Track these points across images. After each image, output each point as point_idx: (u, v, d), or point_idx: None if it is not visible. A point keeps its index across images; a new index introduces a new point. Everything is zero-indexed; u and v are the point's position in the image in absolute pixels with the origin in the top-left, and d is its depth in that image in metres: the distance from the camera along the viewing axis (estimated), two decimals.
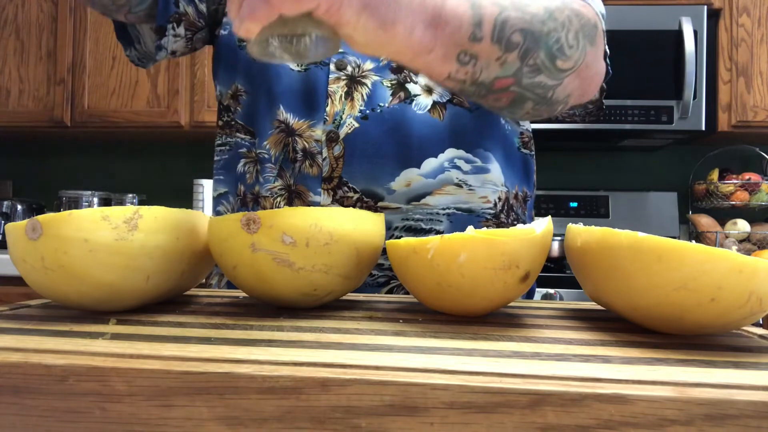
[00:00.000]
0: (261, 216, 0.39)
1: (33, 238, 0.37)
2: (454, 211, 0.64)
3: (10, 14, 2.11)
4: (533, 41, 0.47)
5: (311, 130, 0.65)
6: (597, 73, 0.57)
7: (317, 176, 0.64)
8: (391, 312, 0.44)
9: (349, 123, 0.64)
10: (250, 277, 0.41)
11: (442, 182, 0.64)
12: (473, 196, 0.65)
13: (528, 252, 0.38)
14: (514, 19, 0.46)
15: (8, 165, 2.45)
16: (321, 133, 0.64)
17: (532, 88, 0.50)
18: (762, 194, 1.99)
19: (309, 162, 0.65)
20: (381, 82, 0.65)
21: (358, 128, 0.64)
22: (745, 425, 0.24)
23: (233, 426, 0.26)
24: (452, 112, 0.65)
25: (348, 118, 0.64)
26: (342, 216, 0.41)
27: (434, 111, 0.65)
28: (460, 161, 0.65)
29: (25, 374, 0.28)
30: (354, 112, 0.64)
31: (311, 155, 0.65)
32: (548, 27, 0.48)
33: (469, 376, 0.26)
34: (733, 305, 0.32)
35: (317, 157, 0.64)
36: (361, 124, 0.64)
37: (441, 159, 0.64)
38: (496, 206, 0.66)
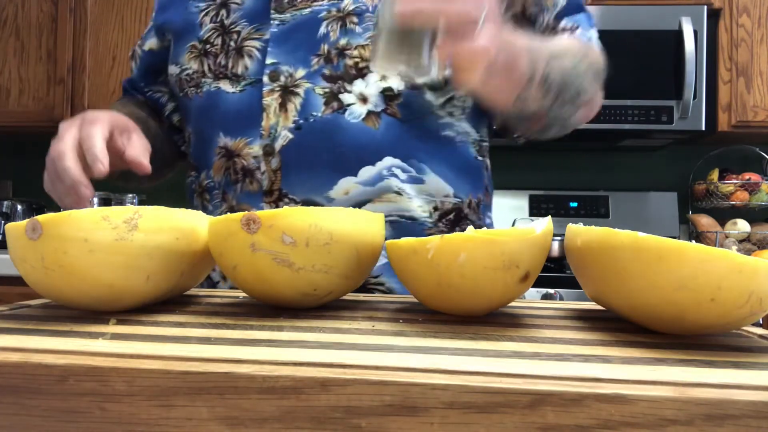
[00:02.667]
0: (261, 216, 0.39)
1: (33, 238, 0.37)
2: (397, 218, 0.64)
3: (10, 14, 2.11)
4: (564, 85, 0.60)
5: (249, 148, 0.66)
6: (599, 101, 0.71)
7: (258, 192, 0.65)
8: (391, 312, 0.44)
9: (283, 135, 0.64)
10: (250, 277, 0.41)
11: (381, 190, 0.64)
12: (412, 204, 0.65)
13: (528, 252, 0.38)
14: (554, 71, 0.58)
15: (8, 165, 2.45)
16: (258, 149, 0.65)
17: (559, 116, 0.63)
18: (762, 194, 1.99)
19: (249, 179, 0.66)
20: (313, 89, 0.65)
21: (292, 139, 0.64)
22: (745, 425, 0.24)
23: (233, 426, 0.26)
24: (387, 122, 0.65)
25: (282, 131, 0.64)
26: (342, 216, 0.41)
27: (369, 120, 0.65)
28: (397, 170, 0.66)
29: (25, 374, 0.28)
30: (288, 124, 0.64)
31: (250, 172, 0.66)
32: (574, 75, 0.61)
33: (469, 376, 0.26)
34: (733, 305, 0.32)
35: (256, 173, 0.65)
36: (295, 135, 0.64)
37: (378, 167, 0.64)
38: (432, 216, 0.66)
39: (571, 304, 0.51)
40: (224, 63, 0.69)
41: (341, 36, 0.65)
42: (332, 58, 0.65)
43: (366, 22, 0.65)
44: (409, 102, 0.66)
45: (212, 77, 0.70)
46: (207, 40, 0.71)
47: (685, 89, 1.77)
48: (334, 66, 0.65)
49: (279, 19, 0.67)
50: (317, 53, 0.66)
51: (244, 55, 0.68)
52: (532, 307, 0.48)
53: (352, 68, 0.65)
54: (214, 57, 0.70)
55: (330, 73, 0.65)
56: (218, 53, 0.70)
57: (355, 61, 0.65)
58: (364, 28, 0.65)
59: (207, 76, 0.70)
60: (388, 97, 0.65)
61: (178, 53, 0.74)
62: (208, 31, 0.71)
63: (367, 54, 0.65)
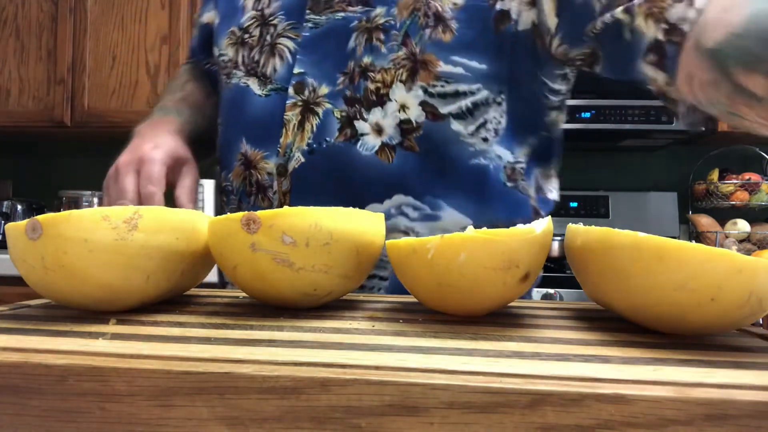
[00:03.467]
0: (261, 216, 0.39)
1: (33, 238, 0.37)
2: None
3: (10, 14, 2.11)
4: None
5: (265, 162, 0.64)
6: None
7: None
8: (391, 312, 0.44)
9: (296, 157, 0.62)
10: (250, 277, 0.41)
11: (387, 229, 0.59)
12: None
13: (528, 252, 0.38)
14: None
15: (8, 165, 2.45)
16: (273, 166, 0.63)
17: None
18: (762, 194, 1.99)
19: (261, 196, 0.64)
20: (332, 111, 0.62)
21: (304, 163, 0.62)
22: (745, 425, 0.24)
23: (233, 426, 0.26)
24: (402, 156, 0.61)
25: (297, 152, 0.62)
26: (342, 216, 0.41)
27: (382, 153, 0.61)
28: (408, 208, 0.61)
29: (25, 374, 0.28)
30: (302, 145, 0.62)
31: (263, 189, 0.64)
32: None
33: (469, 376, 0.26)
34: (733, 305, 0.32)
35: (268, 191, 0.64)
36: (307, 158, 0.62)
37: (386, 205, 0.61)
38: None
39: (571, 304, 0.51)
40: (257, 59, 0.66)
41: (366, 53, 0.62)
42: (354, 78, 0.62)
43: (391, 42, 0.61)
44: (430, 133, 0.61)
45: (244, 71, 0.67)
46: (246, 28, 0.68)
47: None
48: (355, 87, 0.62)
49: (313, 21, 0.64)
50: (344, 71, 0.62)
51: (275, 54, 0.65)
52: (532, 307, 0.48)
53: (372, 93, 0.61)
54: (250, 49, 0.67)
55: (350, 95, 0.62)
56: (254, 46, 0.67)
57: (377, 86, 0.61)
58: (389, 48, 0.61)
59: (239, 68, 0.68)
60: (406, 130, 0.61)
61: (219, 35, 0.72)
62: (249, 19, 0.68)
63: (389, 79, 0.61)
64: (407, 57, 0.61)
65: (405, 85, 0.61)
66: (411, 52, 0.61)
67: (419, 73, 0.61)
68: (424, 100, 0.61)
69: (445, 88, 0.61)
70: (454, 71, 0.61)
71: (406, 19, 0.61)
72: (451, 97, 0.61)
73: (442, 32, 0.60)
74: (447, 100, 0.61)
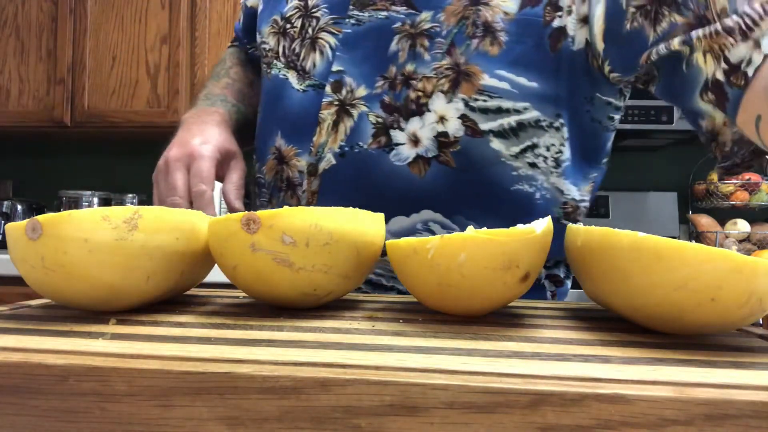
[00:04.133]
0: (261, 216, 0.39)
1: (33, 238, 0.37)
2: None
3: (10, 14, 2.11)
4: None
5: (297, 160, 0.63)
6: None
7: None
8: (391, 312, 0.44)
9: (328, 158, 0.61)
10: (250, 277, 0.41)
11: None
12: None
13: (528, 252, 0.38)
14: None
15: (8, 165, 2.45)
16: (304, 164, 0.62)
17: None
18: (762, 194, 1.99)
19: (291, 193, 0.63)
20: (367, 114, 0.60)
21: (334, 165, 0.60)
22: (745, 425, 0.24)
23: (233, 426, 0.26)
24: (436, 170, 0.58)
25: (328, 153, 0.61)
26: (342, 216, 0.41)
27: (415, 166, 0.58)
28: (435, 225, 0.59)
29: (25, 374, 0.28)
30: (335, 147, 0.60)
31: (293, 186, 0.63)
32: None
33: (469, 376, 0.26)
34: (733, 305, 0.32)
35: (298, 189, 0.63)
36: (337, 161, 0.60)
37: (413, 219, 0.59)
38: None
39: (571, 304, 0.51)
40: (297, 51, 0.65)
41: (409, 59, 0.59)
42: (396, 85, 0.60)
43: (436, 49, 0.59)
44: (468, 149, 0.58)
45: (284, 63, 0.66)
46: (288, 18, 0.66)
47: None
48: (396, 94, 0.59)
49: (356, 18, 0.62)
50: (384, 74, 0.60)
51: (316, 48, 0.63)
52: (532, 307, 0.48)
53: (412, 102, 0.59)
54: (291, 40, 0.66)
55: (389, 102, 0.59)
56: (295, 37, 0.65)
57: (418, 94, 0.59)
58: (433, 56, 0.59)
59: (279, 59, 0.66)
60: (443, 144, 0.58)
61: (262, 21, 0.70)
62: (292, 8, 0.66)
63: (430, 88, 0.59)
64: (450, 67, 0.58)
65: (446, 96, 0.58)
66: (455, 62, 0.58)
67: (461, 84, 0.58)
68: (464, 114, 0.58)
69: (487, 103, 0.58)
70: (499, 86, 0.58)
71: (453, 27, 0.58)
72: (492, 113, 0.58)
73: (490, 44, 0.58)
74: (488, 116, 0.58)
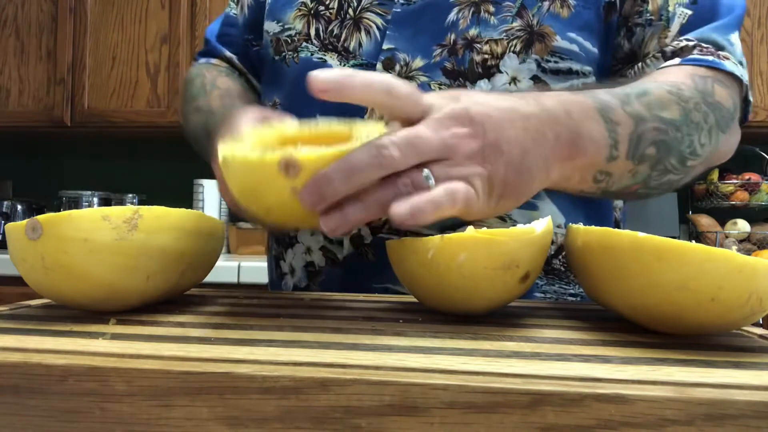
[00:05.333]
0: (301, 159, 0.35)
1: (33, 238, 0.37)
2: None
3: (10, 14, 2.11)
4: (666, 150, 0.47)
5: None
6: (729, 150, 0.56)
7: None
8: (391, 312, 0.44)
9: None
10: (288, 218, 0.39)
11: None
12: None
13: (528, 252, 0.38)
14: (650, 131, 0.46)
15: (8, 165, 2.45)
16: None
17: (659, 187, 0.51)
18: (762, 194, 1.99)
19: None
20: (428, 84, 0.57)
21: None
22: (745, 425, 0.24)
23: (233, 426, 0.26)
24: None
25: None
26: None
27: None
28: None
29: (25, 374, 0.28)
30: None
31: None
32: (683, 132, 0.48)
33: (469, 376, 0.26)
34: (733, 305, 0.32)
35: None
36: None
37: None
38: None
39: (571, 305, 0.51)
40: (337, 33, 0.61)
41: (472, 25, 0.58)
42: (457, 50, 0.58)
43: (503, 12, 0.58)
44: None
45: (318, 45, 0.62)
46: (322, 0, 0.63)
47: None
48: (459, 59, 0.57)
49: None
50: (441, 43, 0.58)
51: (361, 28, 0.60)
52: (532, 307, 0.48)
53: (479, 65, 0.57)
54: (327, 22, 0.62)
55: (452, 68, 0.57)
56: (332, 19, 0.62)
57: (484, 57, 0.57)
58: (501, 20, 0.58)
59: (312, 42, 0.62)
60: None
61: (281, 8, 0.66)
62: None
63: (499, 50, 0.57)
64: (522, 28, 0.58)
65: (518, 57, 0.58)
66: (527, 24, 0.58)
67: (534, 45, 0.58)
68: (536, 75, 0.58)
69: (559, 65, 0.58)
70: (571, 48, 0.58)
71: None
72: (564, 75, 0.58)
73: (560, 7, 0.58)
74: (559, 77, 0.58)
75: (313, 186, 0.36)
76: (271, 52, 0.67)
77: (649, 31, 0.58)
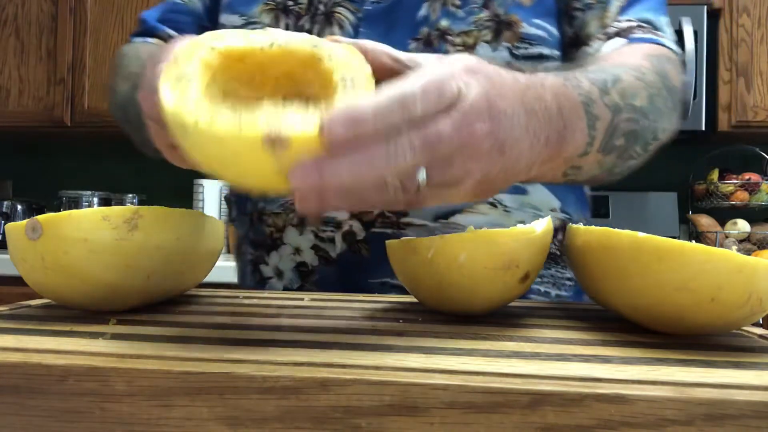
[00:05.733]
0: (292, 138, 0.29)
1: (33, 238, 0.37)
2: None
3: (10, 14, 2.11)
4: (633, 139, 0.47)
5: None
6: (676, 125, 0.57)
7: None
8: (391, 312, 0.44)
9: None
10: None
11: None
12: (509, 218, 0.58)
13: (528, 252, 0.38)
14: (623, 122, 0.45)
15: (8, 165, 2.45)
16: None
17: (620, 173, 0.51)
18: (762, 194, 1.99)
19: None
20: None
21: None
22: (745, 425, 0.24)
23: (233, 426, 0.26)
24: None
25: None
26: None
27: None
28: None
29: (25, 374, 0.28)
30: None
31: None
32: (650, 119, 0.48)
33: (469, 376, 0.26)
34: (733, 305, 0.32)
35: None
36: None
37: None
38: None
39: (571, 304, 0.51)
40: (308, 28, 0.61)
41: (442, 16, 0.59)
42: (432, 41, 0.59)
43: (470, 4, 0.60)
44: None
45: None
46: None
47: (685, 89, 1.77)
48: (435, 50, 0.59)
49: None
50: (416, 37, 0.60)
51: (333, 23, 0.61)
52: (532, 307, 0.48)
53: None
54: (296, 18, 0.62)
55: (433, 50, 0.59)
56: (302, 14, 0.62)
57: (458, 49, 0.59)
58: (468, 11, 0.59)
59: None
60: None
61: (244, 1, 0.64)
62: None
63: (471, 41, 0.59)
64: (490, 18, 0.60)
65: (490, 46, 0.59)
66: (494, 14, 0.60)
67: (504, 33, 0.59)
68: (510, 62, 0.59)
69: (530, 50, 0.60)
70: (539, 33, 0.60)
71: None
72: (535, 59, 0.60)
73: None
74: (532, 63, 0.60)
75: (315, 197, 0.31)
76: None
77: (589, 14, 0.60)
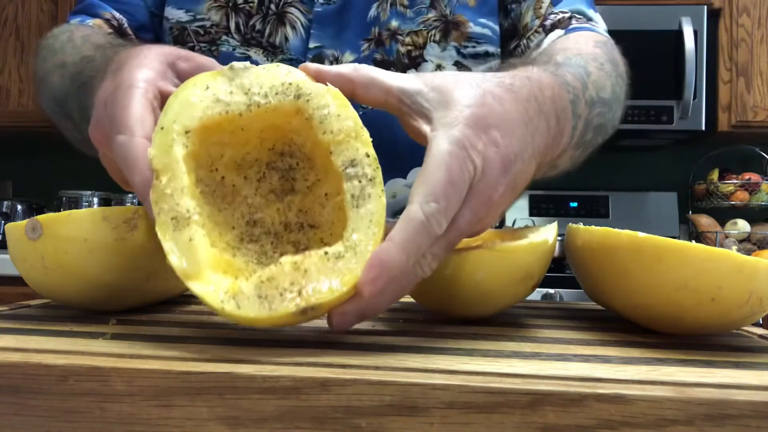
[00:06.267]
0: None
1: (33, 238, 0.37)
2: None
3: (10, 14, 2.11)
4: (601, 133, 0.49)
5: None
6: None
7: None
8: (391, 312, 0.44)
9: None
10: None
11: None
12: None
13: (542, 262, 0.39)
14: (595, 117, 0.46)
15: (8, 165, 2.45)
16: None
17: (581, 163, 0.51)
18: (762, 194, 1.99)
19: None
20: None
21: None
22: (745, 425, 0.24)
23: (233, 426, 0.26)
24: None
25: None
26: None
27: None
28: None
29: (25, 374, 0.28)
30: None
31: None
32: (613, 110, 0.50)
33: (469, 376, 0.26)
34: (733, 305, 0.32)
35: None
36: None
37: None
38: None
39: (571, 304, 0.51)
40: (260, 28, 0.61)
41: (392, 17, 0.61)
42: (384, 41, 0.61)
43: (417, 5, 0.61)
44: None
45: (240, 40, 0.61)
46: None
47: (685, 89, 1.77)
48: (387, 49, 0.61)
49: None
50: (367, 37, 0.61)
51: (286, 23, 0.61)
52: (532, 307, 0.48)
53: (404, 56, 0.61)
54: (247, 16, 0.61)
55: (382, 58, 0.61)
56: (253, 13, 0.61)
57: (408, 48, 0.61)
58: (416, 12, 0.61)
59: (232, 36, 0.61)
60: None
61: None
62: None
63: (420, 41, 0.61)
64: (438, 18, 0.62)
65: (439, 45, 0.62)
66: (441, 14, 0.62)
67: (451, 33, 0.62)
68: (458, 61, 0.62)
69: (477, 49, 0.62)
70: (484, 32, 0.62)
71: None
72: (482, 58, 0.63)
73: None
74: (478, 61, 0.63)
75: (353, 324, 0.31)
76: (169, 41, 0.63)
77: (524, 5, 0.63)
